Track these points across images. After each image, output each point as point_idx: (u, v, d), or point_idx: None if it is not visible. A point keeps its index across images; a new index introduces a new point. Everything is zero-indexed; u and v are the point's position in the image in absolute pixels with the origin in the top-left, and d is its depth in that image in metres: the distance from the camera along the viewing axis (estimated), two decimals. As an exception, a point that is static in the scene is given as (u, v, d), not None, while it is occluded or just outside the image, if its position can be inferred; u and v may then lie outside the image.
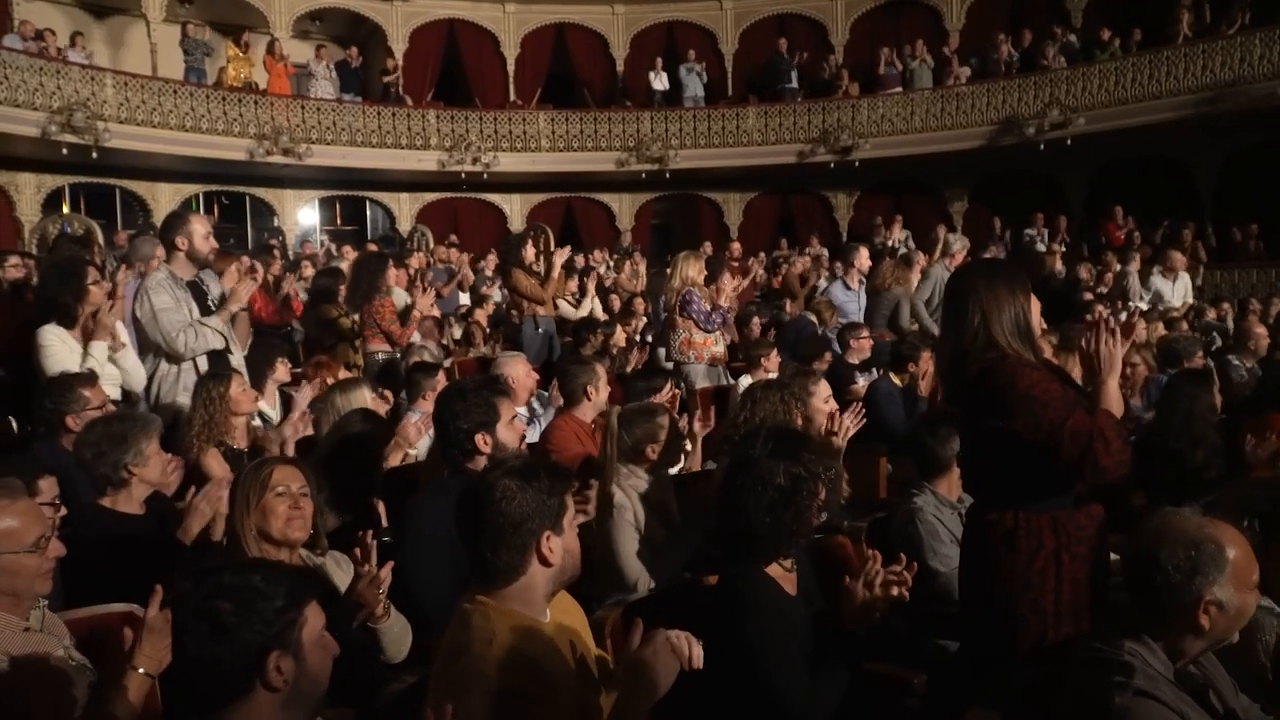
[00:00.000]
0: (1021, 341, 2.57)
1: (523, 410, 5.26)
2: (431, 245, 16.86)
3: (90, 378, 4.06)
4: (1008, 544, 2.48)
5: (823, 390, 4.36)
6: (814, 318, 9.19)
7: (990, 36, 18.93)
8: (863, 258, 9.81)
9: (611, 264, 15.22)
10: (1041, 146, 17.75)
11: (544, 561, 1.99)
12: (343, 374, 5.89)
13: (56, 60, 15.75)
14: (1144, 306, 10.25)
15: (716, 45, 21.25)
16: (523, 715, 1.82)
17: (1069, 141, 17.53)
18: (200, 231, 4.78)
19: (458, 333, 10.17)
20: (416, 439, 4.40)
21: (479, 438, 3.24)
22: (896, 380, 6.14)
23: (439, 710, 1.62)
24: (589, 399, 4.61)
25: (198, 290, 4.82)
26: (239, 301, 4.80)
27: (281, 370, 6.23)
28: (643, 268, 14.13)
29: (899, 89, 19.27)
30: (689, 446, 4.07)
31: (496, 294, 12.36)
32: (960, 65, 19.09)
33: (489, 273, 14.00)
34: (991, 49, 18.75)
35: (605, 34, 21.41)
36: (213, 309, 4.82)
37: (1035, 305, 2.63)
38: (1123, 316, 7.70)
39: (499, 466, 2.04)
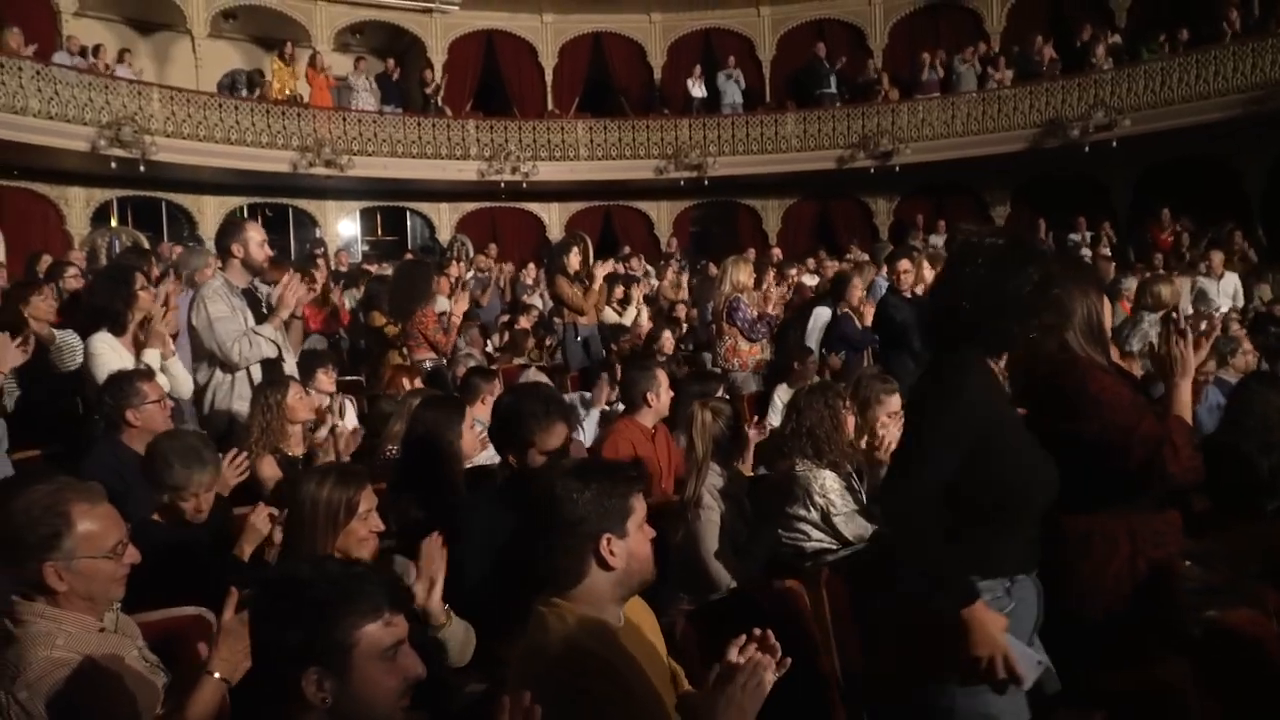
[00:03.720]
0: (1093, 343, 2.52)
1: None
2: (472, 255, 16.94)
3: (148, 373, 4.10)
4: (1081, 548, 2.42)
5: (893, 402, 4.03)
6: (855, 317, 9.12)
7: (1032, 38, 18.73)
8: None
9: (652, 271, 15.21)
10: (1086, 149, 17.52)
11: (604, 565, 1.94)
12: (417, 382, 5.92)
13: (104, 75, 16.02)
14: (1224, 308, 10.09)
15: (754, 52, 21.20)
16: (597, 717, 1.80)
17: (1114, 143, 17.29)
18: (256, 239, 4.81)
19: (499, 340, 10.22)
20: None
21: (508, 454, 3.21)
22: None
23: (517, 698, 1.58)
24: (649, 405, 4.59)
25: (252, 298, 4.84)
26: (288, 308, 4.81)
27: (324, 379, 6.27)
28: (685, 277, 14.11)
29: (938, 93, 19.11)
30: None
31: (538, 301, 12.40)
32: (1002, 68, 18.91)
33: (529, 281, 14.05)
34: (1033, 51, 18.55)
35: (642, 42, 21.45)
36: (267, 316, 4.84)
37: (1107, 306, 2.57)
38: (1203, 324, 7.51)
39: (558, 467, 2.01)
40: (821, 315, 8.12)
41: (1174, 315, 2.64)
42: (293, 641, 1.57)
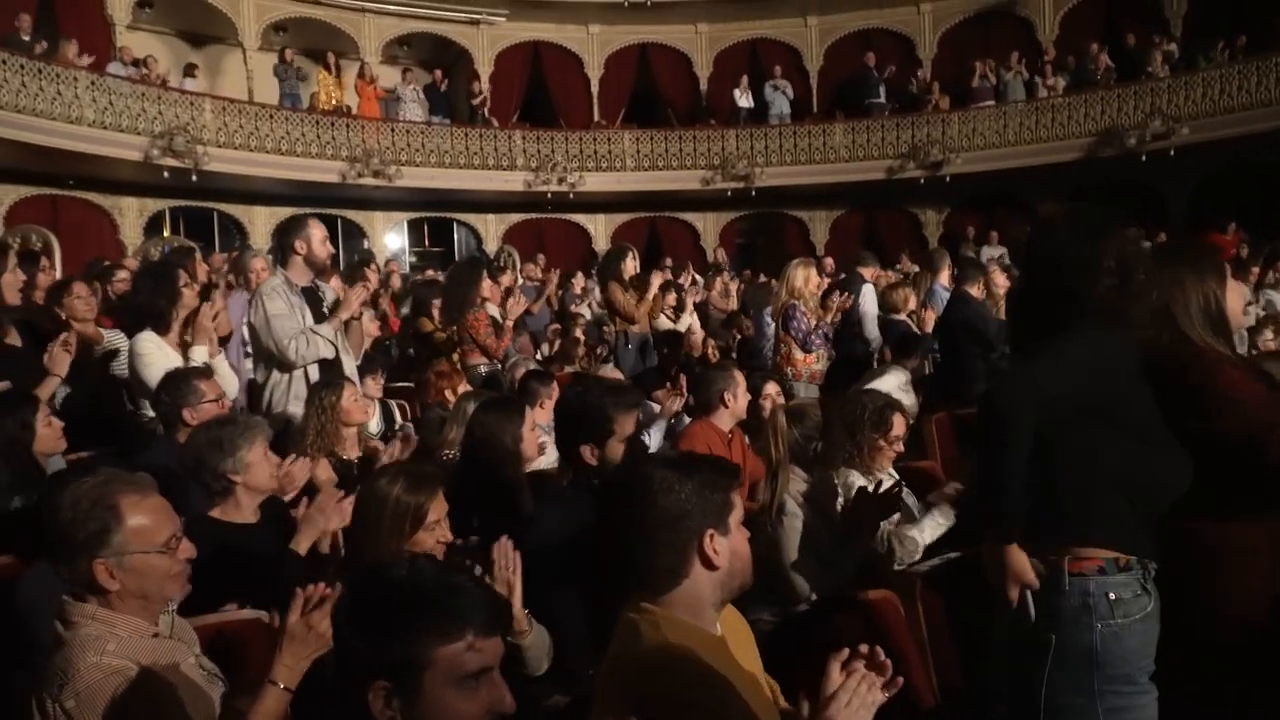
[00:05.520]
0: (1215, 334, 2.31)
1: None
2: (519, 265, 16.89)
3: (205, 371, 3.99)
4: (1214, 560, 2.20)
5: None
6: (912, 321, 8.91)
7: (1085, 47, 18.39)
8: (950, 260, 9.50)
9: (700, 281, 15.04)
10: (1143, 158, 17.14)
11: (707, 564, 1.78)
12: (462, 386, 5.79)
13: (157, 86, 16.20)
14: None
15: (801, 62, 21.03)
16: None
17: (1171, 152, 16.89)
18: (318, 236, 4.71)
19: (549, 350, 10.11)
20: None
21: (585, 449, 3.06)
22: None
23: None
24: (725, 406, 4.41)
25: (313, 296, 4.74)
26: (350, 308, 4.71)
27: (372, 386, 6.16)
28: (734, 286, 13.94)
29: (991, 102, 18.81)
30: None
31: (586, 311, 12.30)
32: (1054, 76, 18.57)
33: (577, 290, 13.98)
34: (1087, 59, 18.19)
35: (689, 53, 21.36)
36: (327, 316, 4.74)
37: (1233, 290, 2.35)
38: None
39: (654, 458, 1.85)
40: (869, 293, 7.99)
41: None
42: (365, 648, 1.42)
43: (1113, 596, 2.02)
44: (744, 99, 20.21)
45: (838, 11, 20.52)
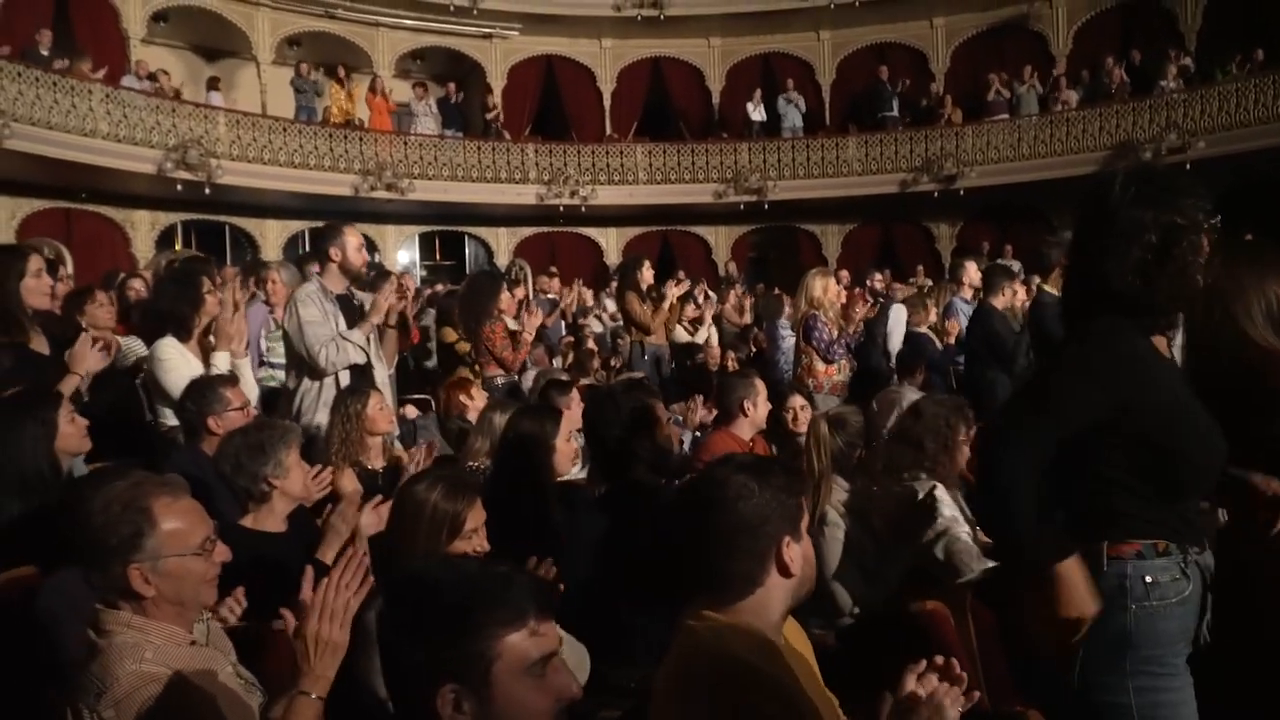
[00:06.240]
0: (1277, 334, 2.24)
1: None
2: (530, 278, 16.86)
3: (231, 378, 3.93)
4: None
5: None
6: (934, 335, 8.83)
7: (1099, 60, 18.34)
8: (971, 271, 9.41)
9: (714, 296, 15.00)
10: (1159, 171, 17.02)
11: (784, 571, 1.72)
12: (476, 392, 5.72)
13: (172, 99, 16.23)
14: None
15: (814, 76, 21.02)
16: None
17: (1188, 165, 16.78)
18: (353, 244, 4.66)
19: (564, 361, 10.04)
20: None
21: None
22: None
23: None
24: (745, 415, 4.35)
25: (348, 304, 4.69)
26: (379, 314, 4.65)
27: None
28: (747, 302, 13.89)
29: (1005, 115, 18.75)
30: None
31: (596, 324, 12.26)
32: (1068, 90, 18.51)
33: (589, 303, 13.96)
34: (1102, 73, 18.14)
35: (701, 67, 21.37)
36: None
37: None
38: None
39: (728, 463, 1.78)
40: (899, 313, 7.90)
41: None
42: (424, 654, 1.34)
43: (1149, 580, 2.00)
44: (757, 112, 20.19)
45: (850, 26, 20.48)
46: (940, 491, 3.18)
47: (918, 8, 19.93)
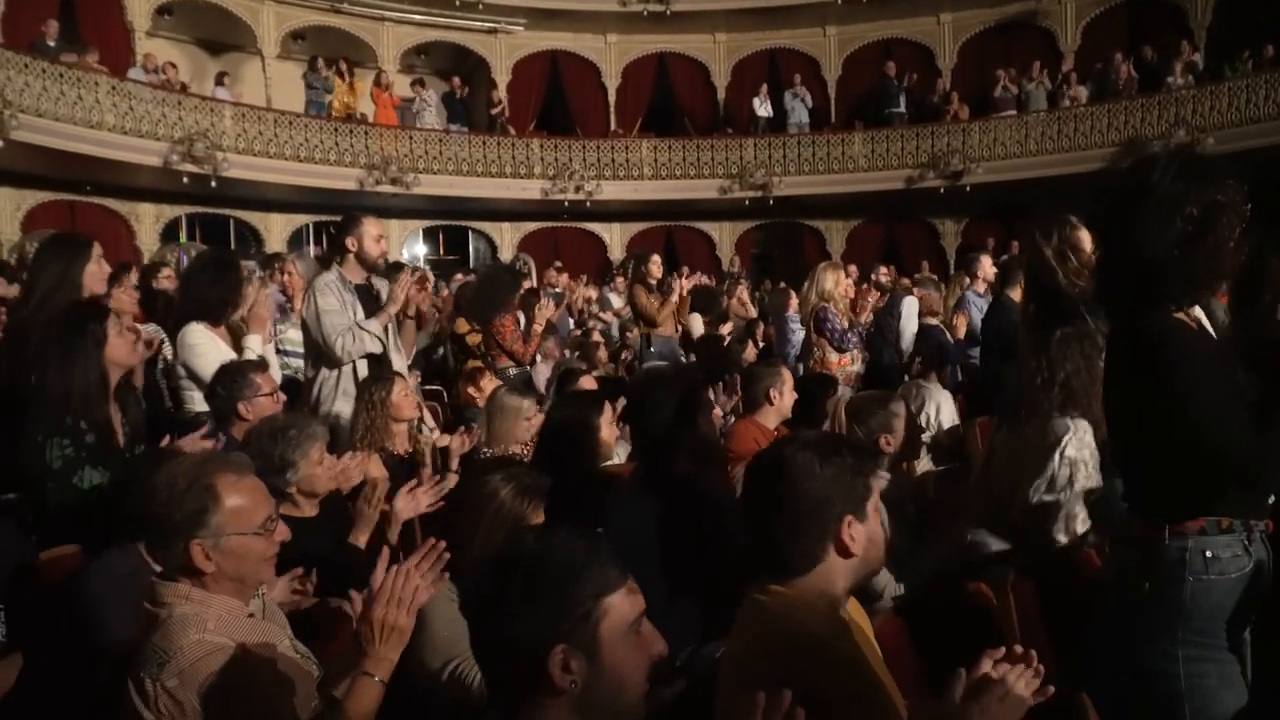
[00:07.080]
0: None
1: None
2: (534, 273, 16.82)
3: (261, 364, 3.91)
4: None
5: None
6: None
7: (1108, 56, 18.31)
8: (986, 265, 9.40)
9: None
10: (1168, 169, 17.01)
11: (843, 551, 1.72)
12: (485, 383, 5.71)
13: (178, 91, 16.21)
14: None
15: (820, 72, 20.98)
16: (844, 717, 1.53)
17: (1197, 162, 16.77)
18: (371, 234, 4.64)
19: (572, 355, 10.04)
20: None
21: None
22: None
23: (775, 698, 1.33)
24: (771, 403, 4.33)
25: (367, 294, 4.68)
26: (396, 303, 4.63)
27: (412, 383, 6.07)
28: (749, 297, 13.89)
29: (1012, 111, 18.73)
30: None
31: (603, 317, 12.30)
32: (1076, 86, 18.49)
33: (593, 297, 13.99)
34: (1110, 69, 18.11)
35: (707, 63, 21.35)
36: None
37: None
38: None
39: (795, 440, 1.77)
40: (910, 305, 7.90)
41: None
42: (536, 621, 1.38)
43: (1209, 554, 2.04)
44: (763, 108, 20.17)
45: (857, 21, 20.45)
46: (1085, 434, 3.01)
47: (925, 3, 19.90)
